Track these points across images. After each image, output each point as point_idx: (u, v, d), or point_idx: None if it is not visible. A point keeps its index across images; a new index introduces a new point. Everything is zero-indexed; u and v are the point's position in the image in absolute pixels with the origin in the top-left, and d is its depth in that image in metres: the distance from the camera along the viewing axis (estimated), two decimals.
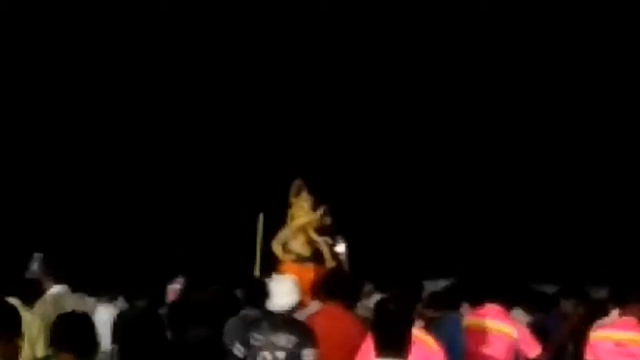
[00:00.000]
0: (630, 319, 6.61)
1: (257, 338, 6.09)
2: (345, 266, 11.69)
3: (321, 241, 12.06)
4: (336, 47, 16.36)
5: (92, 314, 6.69)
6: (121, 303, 8.56)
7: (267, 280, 9.05)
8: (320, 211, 12.23)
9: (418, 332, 6.12)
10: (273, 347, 6.01)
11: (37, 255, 9.69)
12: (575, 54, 15.93)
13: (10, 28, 15.60)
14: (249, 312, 7.66)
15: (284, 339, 6.02)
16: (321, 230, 12.24)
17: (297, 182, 12.37)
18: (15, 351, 4.00)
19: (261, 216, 12.22)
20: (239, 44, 16.54)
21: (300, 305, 7.55)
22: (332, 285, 7.05)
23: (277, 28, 16.42)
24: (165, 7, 16.29)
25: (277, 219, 12.31)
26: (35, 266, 9.62)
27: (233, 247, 14.28)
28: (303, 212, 12.29)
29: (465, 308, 8.35)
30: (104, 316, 7.96)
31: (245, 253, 13.02)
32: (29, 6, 15.72)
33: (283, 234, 12.28)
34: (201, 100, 16.82)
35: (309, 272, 11.67)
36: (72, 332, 4.40)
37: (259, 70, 16.45)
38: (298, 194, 12.28)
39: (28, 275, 9.10)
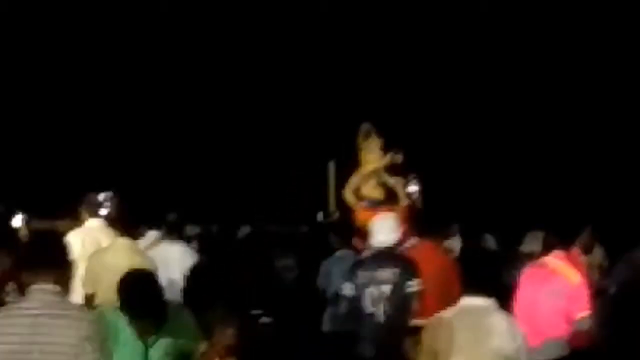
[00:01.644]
0: None
1: (362, 275, 6.23)
2: (418, 205, 11.63)
3: (394, 181, 11.98)
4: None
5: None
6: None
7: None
8: (390, 153, 12.14)
9: (559, 264, 6.21)
10: (379, 282, 6.17)
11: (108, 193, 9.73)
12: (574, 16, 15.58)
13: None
14: (343, 253, 8.02)
15: (388, 273, 6.18)
16: (393, 169, 12.15)
17: (364, 126, 12.26)
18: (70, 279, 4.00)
19: (332, 163, 12.16)
20: None
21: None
22: (423, 224, 7.24)
23: None
24: None
25: (348, 165, 12.27)
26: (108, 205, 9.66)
27: (306, 196, 14.30)
28: (373, 155, 12.20)
29: None
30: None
31: (318, 201, 13.04)
32: None
33: (354, 180, 12.20)
34: (264, 48, 16.79)
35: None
36: (144, 298, 4.38)
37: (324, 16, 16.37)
38: (367, 137, 12.17)
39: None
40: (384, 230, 6.39)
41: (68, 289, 3.98)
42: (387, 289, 6.16)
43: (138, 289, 4.39)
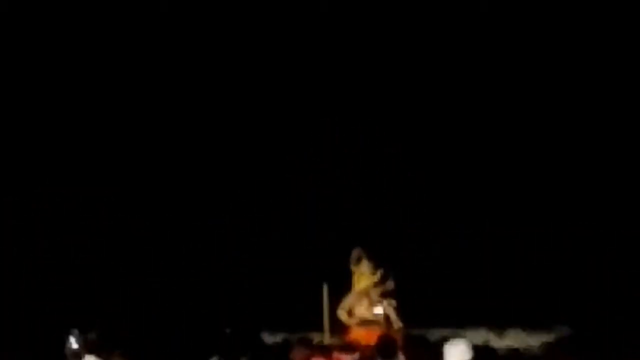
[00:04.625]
0: None
1: None
2: (394, 325, 12.21)
3: (385, 303, 12.69)
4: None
5: None
6: None
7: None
8: (379, 273, 12.85)
9: None
10: None
11: (73, 331, 9.63)
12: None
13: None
14: None
15: None
16: (385, 294, 12.87)
17: (356, 251, 13.05)
18: None
19: (325, 286, 12.80)
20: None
21: None
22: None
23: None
24: None
25: (341, 288, 12.92)
26: (72, 342, 9.53)
27: (301, 318, 14.77)
28: (364, 277, 12.95)
29: None
30: None
31: (313, 323, 13.57)
32: None
33: (348, 301, 12.90)
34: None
35: (376, 334, 12.26)
36: None
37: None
38: (358, 262, 12.95)
39: (67, 352, 9.16)
40: (456, 354, 6.48)
41: None
42: None
43: None
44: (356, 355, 9.00)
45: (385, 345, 7.67)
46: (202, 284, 16.89)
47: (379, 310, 12.44)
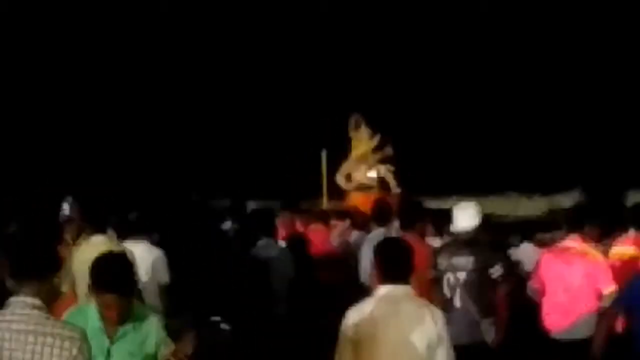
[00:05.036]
0: None
1: (441, 262, 6.38)
2: (391, 190, 12.33)
3: (383, 168, 12.79)
4: None
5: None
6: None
7: None
8: (377, 138, 12.91)
9: (583, 246, 6.38)
10: (454, 269, 6.29)
11: (68, 199, 10.15)
12: None
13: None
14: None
15: (464, 261, 6.30)
16: (383, 160, 12.97)
17: (354, 117, 13.06)
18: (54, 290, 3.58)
19: (324, 152, 12.86)
20: None
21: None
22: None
23: None
24: None
25: (340, 154, 13.00)
26: (67, 209, 10.02)
27: (300, 183, 14.92)
28: (363, 143, 13.02)
29: None
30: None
31: (312, 187, 13.73)
32: None
33: (346, 166, 13.02)
34: (259, 43, 17.36)
35: (373, 199, 12.41)
36: (113, 272, 4.22)
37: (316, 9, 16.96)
38: (357, 127, 12.98)
39: (61, 218, 9.39)
40: (465, 217, 6.43)
41: (51, 303, 3.59)
42: (462, 275, 6.26)
43: (105, 262, 4.34)
44: (347, 221, 9.11)
45: (380, 211, 7.70)
46: (200, 150, 17.01)
47: (375, 174, 12.53)
